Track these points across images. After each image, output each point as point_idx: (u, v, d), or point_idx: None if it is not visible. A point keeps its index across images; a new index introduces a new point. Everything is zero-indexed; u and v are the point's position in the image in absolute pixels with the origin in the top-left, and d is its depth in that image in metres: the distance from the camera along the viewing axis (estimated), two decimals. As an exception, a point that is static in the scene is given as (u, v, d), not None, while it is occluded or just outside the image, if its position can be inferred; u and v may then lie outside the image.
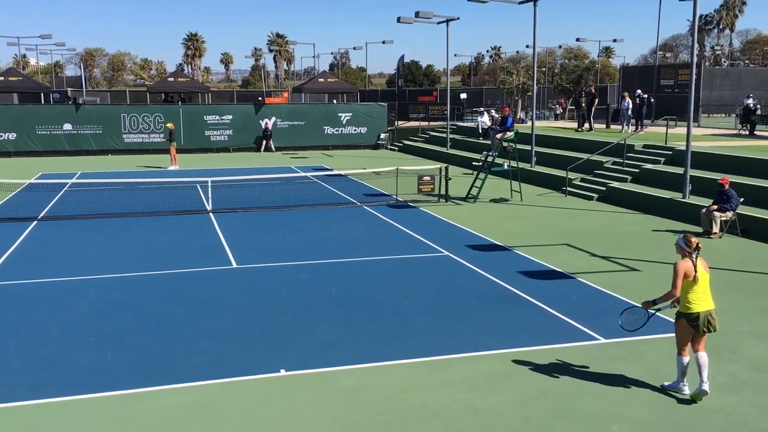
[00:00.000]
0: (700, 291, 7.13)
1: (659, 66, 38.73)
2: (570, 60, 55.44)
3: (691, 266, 7.13)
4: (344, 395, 7.44)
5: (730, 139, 25.24)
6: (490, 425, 6.78)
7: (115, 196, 20.98)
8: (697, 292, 7.12)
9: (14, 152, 33.31)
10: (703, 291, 7.15)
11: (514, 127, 22.21)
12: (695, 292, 7.12)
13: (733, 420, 6.87)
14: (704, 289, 7.16)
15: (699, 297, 7.12)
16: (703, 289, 7.15)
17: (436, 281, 11.83)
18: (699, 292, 7.12)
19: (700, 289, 7.13)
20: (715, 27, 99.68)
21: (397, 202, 20.06)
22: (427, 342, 8.94)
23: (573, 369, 8.08)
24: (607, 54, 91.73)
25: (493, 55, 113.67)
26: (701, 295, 7.13)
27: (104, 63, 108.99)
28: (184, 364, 8.24)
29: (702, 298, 7.13)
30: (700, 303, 7.12)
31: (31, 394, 7.43)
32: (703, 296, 7.14)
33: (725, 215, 15.28)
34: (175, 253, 13.94)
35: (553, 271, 12.43)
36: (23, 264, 13.06)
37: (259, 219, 17.70)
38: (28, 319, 9.85)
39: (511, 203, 20.08)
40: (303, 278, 12.02)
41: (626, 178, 20.90)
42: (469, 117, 42.10)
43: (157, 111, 35.26)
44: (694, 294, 7.12)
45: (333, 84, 46.20)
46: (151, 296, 10.99)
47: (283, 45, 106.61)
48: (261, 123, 36.35)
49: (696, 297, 7.11)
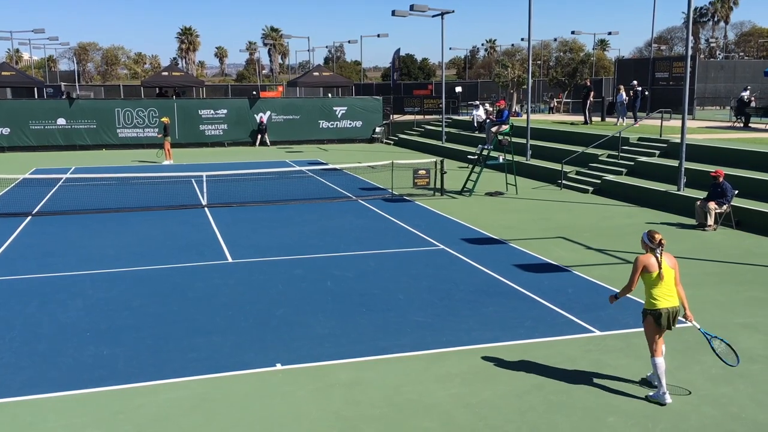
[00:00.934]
0: (665, 287, 7.03)
1: (654, 59, 38.76)
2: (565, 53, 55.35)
3: (654, 262, 7.03)
4: (340, 389, 7.45)
5: (724, 131, 25.29)
6: (485, 418, 6.80)
7: (110, 191, 20.93)
8: (662, 288, 7.02)
9: (8, 147, 33.17)
10: (668, 287, 7.04)
11: (509, 121, 22.20)
12: (659, 287, 7.02)
13: (727, 411, 6.90)
14: (669, 286, 7.05)
15: (663, 293, 7.02)
16: (667, 286, 7.04)
17: (431, 275, 11.84)
18: (663, 288, 7.02)
19: (665, 285, 7.03)
20: (710, 19, 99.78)
21: (393, 195, 20.06)
22: (422, 336, 8.95)
23: (568, 362, 8.10)
24: (602, 47, 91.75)
25: (488, 48, 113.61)
26: (665, 291, 7.03)
27: (98, 57, 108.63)
28: (180, 359, 8.24)
29: (666, 294, 7.03)
30: (664, 299, 7.02)
31: (26, 389, 7.43)
32: (667, 292, 7.03)
33: (720, 208, 15.32)
34: (170, 248, 13.92)
35: (548, 264, 12.45)
36: (18, 259, 13.03)
37: (254, 213, 17.68)
38: (23, 315, 9.83)
39: (506, 196, 20.10)
40: (298, 273, 12.02)
41: (621, 171, 20.93)
42: (465, 110, 42.10)
43: (152, 105, 35.13)
44: (658, 290, 7.02)
45: (328, 78, 46.09)
46: (147, 291, 10.97)
47: (278, 39, 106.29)
48: (256, 117, 36.26)
49: (660, 293, 7.02)
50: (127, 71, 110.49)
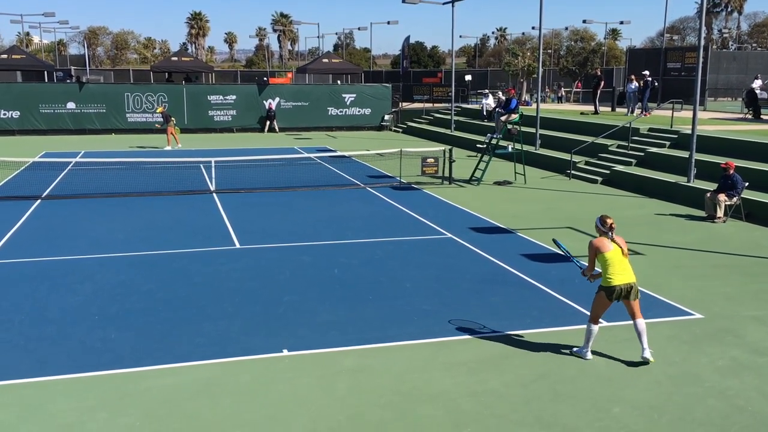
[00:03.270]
0: (617, 265, 7.59)
1: (666, 49, 38.45)
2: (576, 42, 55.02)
3: (606, 244, 7.65)
4: (346, 376, 7.48)
5: (736, 123, 25.09)
6: (491, 407, 6.81)
7: (119, 176, 20.99)
8: (614, 266, 7.58)
9: (18, 130, 33.30)
10: (621, 265, 7.61)
11: (518, 110, 22.09)
12: (612, 266, 7.58)
13: (733, 404, 6.89)
14: (622, 264, 7.62)
15: (616, 271, 7.57)
16: (621, 263, 7.61)
17: (438, 263, 11.83)
18: (615, 266, 7.58)
19: (617, 264, 7.59)
20: (723, 10, 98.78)
21: (401, 183, 20.03)
22: (428, 324, 8.96)
23: (574, 353, 8.09)
24: (613, 36, 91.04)
25: (498, 36, 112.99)
26: (619, 269, 7.58)
27: (108, 42, 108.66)
28: (187, 343, 8.28)
29: (619, 271, 7.58)
30: (617, 276, 7.57)
31: (35, 371, 7.49)
32: (620, 270, 7.59)
33: (730, 200, 15.23)
34: (178, 233, 13.96)
35: (556, 255, 12.42)
36: (27, 243, 13.10)
37: (262, 200, 17.70)
38: (32, 298, 9.90)
39: (514, 186, 20.04)
40: (305, 259, 12.04)
41: (631, 162, 20.82)
42: (474, 99, 41.93)
43: (161, 90, 35.16)
44: (611, 268, 7.58)
45: (337, 65, 45.96)
46: (154, 276, 11.02)
47: (288, 25, 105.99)
48: (265, 103, 36.23)
49: (613, 271, 7.57)
50: (136, 56, 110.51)
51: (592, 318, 7.86)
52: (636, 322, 7.74)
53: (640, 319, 7.74)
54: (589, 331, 7.85)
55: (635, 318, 7.75)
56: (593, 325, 7.83)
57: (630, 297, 7.64)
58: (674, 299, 9.87)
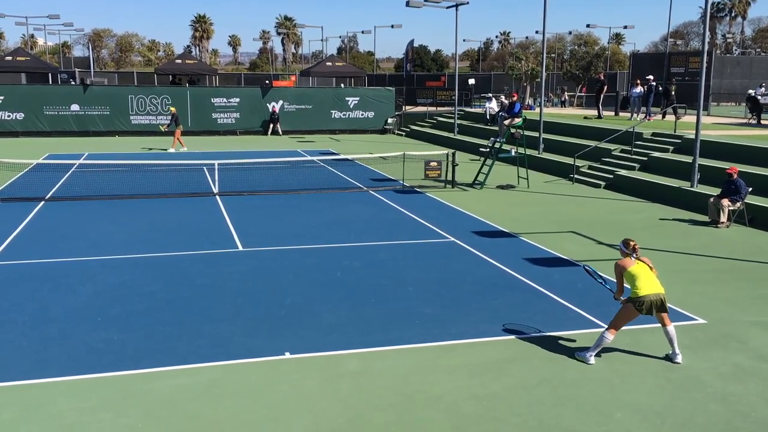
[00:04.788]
0: (644, 278, 7.66)
1: (670, 53, 38.42)
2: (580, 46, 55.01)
3: (628, 260, 7.81)
4: (348, 378, 7.47)
5: (739, 128, 25.07)
6: (492, 411, 6.80)
7: (122, 178, 21.02)
8: (641, 279, 7.65)
9: (22, 132, 33.38)
10: (645, 277, 7.67)
11: (522, 114, 22.09)
12: (639, 278, 7.65)
13: (736, 409, 6.86)
14: (645, 275, 7.69)
15: (643, 283, 7.64)
16: (646, 276, 7.68)
17: (441, 267, 11.83)
18: (642, 279, 7.65)
19: (643, 277, 7.67)
20: (727, 15, 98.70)
21: (404, 187, 20.03)
22: (430, 327, 8.95)
23: (577, 356, 8.07)
24: (617, 41, 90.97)
25: (502, 40, 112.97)
26: (645, 281, 7.65)
27: (112, 44, 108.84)
28: (189, 345, 8.28)
29: (647, 283, 7.64)
30: (645, 287, 7.62)
31: (37, 372, 7.49)
32: (648, 282, 7.66)
33: (733, 205, 15.21)
34: (181, 235, 13.98)
35: (558, 259, 12.41)
36: (30, 244, 13.12)
37: (265, 202, 17.72)
38: (34, 299, 9.91)
39: (517, 190, 20.03)
40: (308, 262, 12.04)
41: (634, 166, 20.80)
42: (477, 103, 41.93)
43: (165, 93, 35.22)
44: (637, 281, 7.65)
45: (341, 68, 46.02)
46: (157, 278, 11.03)
47: (291, 28, 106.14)
48: (268, 106, 36.28)
49: (641, 283, 7.64)
50: (140, 58, 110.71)
51: (612, 326, 7.86)
52: (666, 329, 7.85)
53: (670, 326, 7.85)
54: (602, 338, 7.84)
55: (665, 325, 7.85)
56: (609, 335, 7.82)
57: (660, 309, 7.69)
58: (677, 304, 9.84)
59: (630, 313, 7.73)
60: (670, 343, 7.88)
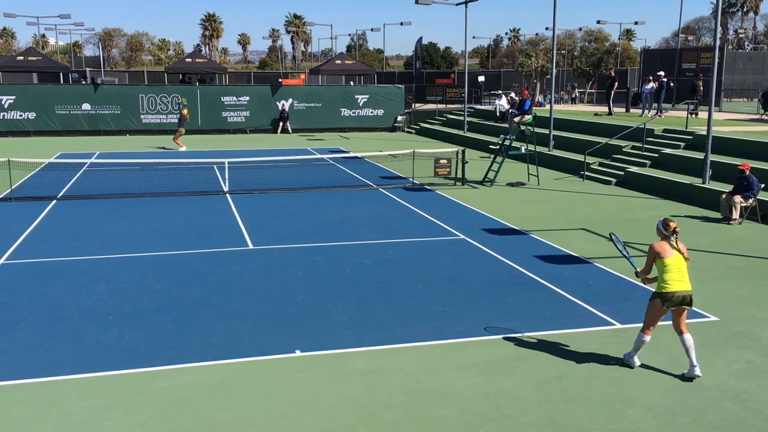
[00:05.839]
0: (675, 271, 7.33)
1: (681, 49, 38.18)
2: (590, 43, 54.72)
3: (667, 248, 7.39)
4: (359, 376, 7.48)
5: (751, 124, 24.88)
6: (503, 408, 6.78)
7: (133, 177, 21.12)
8: (673, 272, 7.32)
9: (34, 132, 33.60)
10: (679, 272, 7.34)
11: (532, 111, 22.02)
12: (670, 272, 7.31)
13: (749, 407, 6.82)
14: (680, 271, 7.35)
15: (674, 277, 7.31)
16: (678, 270, 7.34)
17: (451, 264, 11.81)
18: (674, 272, 7.32)
19: (675, 270, 7.33)
20: (739, 10, 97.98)
21: (414, 184, 20.02)
22: (441, 325, 8.94)
23: (588, 354, 8.05)
24: (627, 37, 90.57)
25: (511, 37, 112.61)
26: (676, 276, 7.32)
27: (122, 43, 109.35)
28: (201, 343, 8.32)
29: (677, 278, 7.32)
30: (675, 283, 7.31)
31: (50, 370, 7.54)
32: (678, 277, 7.32)
33: (746, 201, 15.11)
34: (191, 233, 14.03)
35: (569, 256, 12.37)
36: (43, 242, 13.21)
37: (275, 200, 17.75)
38: (47, 297, 9.98)
39: (528, 187, 19.98)
40: (318, 260, 12.06)
41: (645, 163, 20.69)
42: (487, 100, 41.84)
43: (175, 92, 35.36)
44: (669, 274, 7.31)
45: (350, 66, 46.00)
46: (168, 276, 11.07)
47: (301, 26, 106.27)
48: (278, 104, 36.35)
49: (671, 277, 7.31)
50: (151, 57, 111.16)
51: (645, 327, 7.53)
52: (683, 338, 7.40)
53: (687, 335, 7.40)
54: (640, 340, 7.53)
55: (682, 333, 7.41)
56: (645, 336, 7.50)
57: (684, 304, 7.34)
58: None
59: (659, 310, 7.38)
60: (687, 354, 7.38)
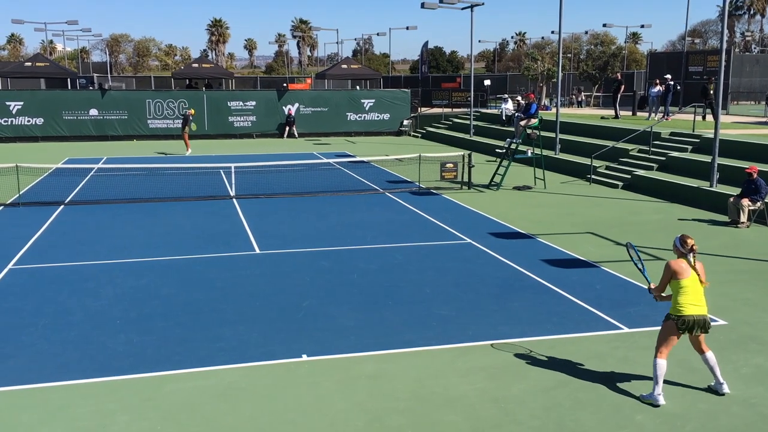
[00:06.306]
0: (691, 294, 6.83)
1: (688, 52, 38.07)
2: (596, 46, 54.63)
3: (685, 268, 6.86)
4: (365, 381, 7.47)
5: (759, 127, 24.78)
6: (511, 413, 6.76)
7: (140, 181, 21.19)
8: (688, 295, 6.82)
9: (41, 137, 33.75)
10: (695, 294, 6.84)
11: (538, 114, 22.00)
12: (685, 294, 6.83)
13: (758, 411, 6.78)
14: (696, 293, 6.85)
15: (689, 300, 6.82)
16: (694, 293, 6.85)
17: (457, 269, 11.80)
18: (690, 294, 6.83)
19: (691, 293, 6.84)
20: (746, 12, 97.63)
21: (420, 189, 20.01)
22: (447, 329, 8.93)
23: (596, 358, 8.02)
24: (634, 40, 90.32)
25: (517, 41, 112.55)
26: (692, 299, 6.83)
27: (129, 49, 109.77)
28: (208, 348, 8.32)
29: (692, 301, 6.82)
30: (690, 307, 6.82)
31: (58, 375, 7.56)
32: (694, 300, 6.83)
33: (754, 205, 15.04)
34: (198, 238, 14.06)
35: (576, 260, 12.33)
36: (50, 248, 13.26)
37: (281, 205, 17.77)
38: (55, 302, 10.00)
39: (534, 191, 19.94)
40: (325, 264, 12.06)
41: (652, 166, 20.63)
42: (493, 104, 41.81)
43: (182, 97, 35.47)
44: (684, 297, 6.83)
45: (356, 70, 46.07)
46: (175, 281, 11.09)
47: (307, 31, 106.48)
48: (284, 109, 36.41)
49: (686, 300, 6.82)
50: (158, 63, 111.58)
51: (657, 350, 6.98)
52: (705, 357, 7.09)
53: (708, 353, 7.08)
54: (656, 367, 6.91)
55: (703, 353, 7.09)
56: (659, 360, 6.91)
57: (699, 331, 6.89)
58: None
59: (672, 332, 6.91)
60: (712, 372, 7.09)
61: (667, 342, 6.95)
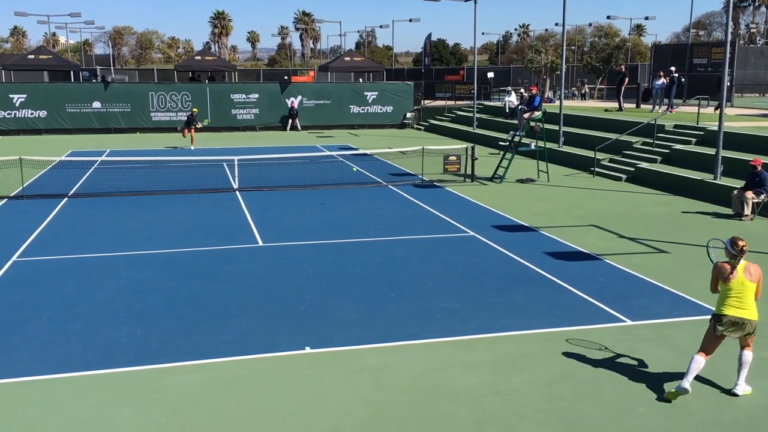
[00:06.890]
0: (734, 296, 6.82)
1: (692, 44, 37.92)
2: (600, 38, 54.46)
3: (727, 269, 6.89)
4: (368, 374, 7.48)
5: (763, 119, 24.68)
6: (514, 406, 6.77)
7: (143, 174, 21.19)
8: (732, 297, 6.83)
9: (45, 130, 33.78)
10: (737, 296, 6.80)
11: (541, 107, 21.94)
12: (730, 296, 6.84)
13: (763, 405, 6.77)
14: (739, 294, 6.81)
15: (731, 302, 6.82)
16: (737, 294, 6.81)
17: (460, 261, 11.79)
18: (733, 297, 6.82)
19: (735, 295, 6.82)
20: (750, 4, 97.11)
21: (423, 181, 20.00)
22: (451, 322, 8.93)
23: (599, 351, 8.02)
24: (638, 32, 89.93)
25: (521, 33, 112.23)
26: (734, 301, 6.81)
27: (132, 41, 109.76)
28: (211, 340, 8.34)
29: (736, 303, 6.80)
30: (730, 307, 6.80)
31: (61, 367, 7.59)
32: (736, 302, 6.80)
33: (758, 197, 15.00)
34: (201, 230, 14.07)
35: (579, 253, 12.32)
36: (54, 240, 13.28)
37: (284, 197, 17.77)
38: (59, 295, 10.03)
39: (537, 183, 19.91)
40: (328, 257, 12.06)
41: (656, 159, 20.57)
42: (496, 96, 41.71)
43: (185, 89, 35.46)
44: (729, 299, 6.84)
45: (359, 63, 46.00)
46: (178, 273, 11.11)
47: (310, 23, 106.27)
48: (287, 102, 36.37)
49: (730, 302, 6.82)
50: (160, 55, 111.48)
51: (700, 348, 6.97)
52: (741, 353, 6.99)
53: (745, 351, 6.97)
54: (690, 361, 6.91)
55: (742, 348, 7.01)
56: (697, 356, 6.86)
57: (739, 333, 6.84)
58: (701, 298, 9.73)
59: (713, 332, 6.87)
60: (738, 369, 6.96)
61: (708, 342, 6.96)
